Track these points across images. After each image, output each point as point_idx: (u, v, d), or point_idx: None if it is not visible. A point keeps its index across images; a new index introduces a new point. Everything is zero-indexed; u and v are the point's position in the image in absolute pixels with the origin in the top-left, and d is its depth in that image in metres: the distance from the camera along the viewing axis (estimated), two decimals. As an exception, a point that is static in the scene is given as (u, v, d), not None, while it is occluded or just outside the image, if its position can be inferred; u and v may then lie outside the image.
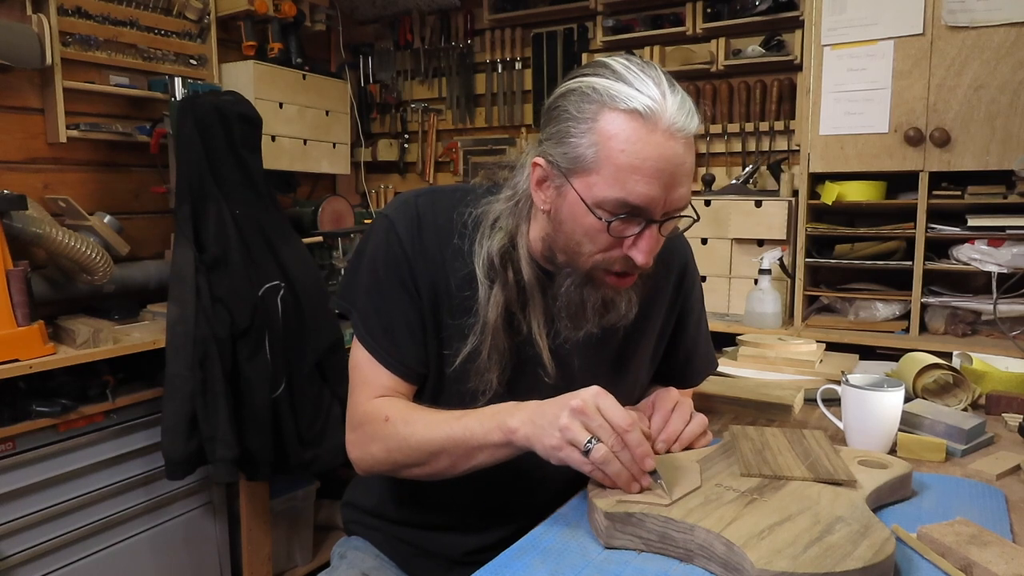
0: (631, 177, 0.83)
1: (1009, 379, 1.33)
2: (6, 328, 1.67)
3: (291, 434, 2.00)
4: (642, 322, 1.06)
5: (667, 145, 0.83)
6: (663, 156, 0.83)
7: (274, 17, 2.56)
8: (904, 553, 0.77)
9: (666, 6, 2.56)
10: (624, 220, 0.86)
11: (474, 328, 0.96)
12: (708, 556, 0.74)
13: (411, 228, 0.98)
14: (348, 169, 2.94)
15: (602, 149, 0.84)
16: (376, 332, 0.99)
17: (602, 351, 1.05)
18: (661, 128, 0.83)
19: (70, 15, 2.14)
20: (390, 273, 0.98)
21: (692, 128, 0.85)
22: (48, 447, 1.75)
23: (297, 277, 2.04)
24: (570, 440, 0.81)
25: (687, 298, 1.15)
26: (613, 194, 0.84)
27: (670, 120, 0.83)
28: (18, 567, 1.71)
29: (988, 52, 1.82)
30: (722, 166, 2.54)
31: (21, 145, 2.11)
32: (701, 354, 1.21)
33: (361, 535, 1.18)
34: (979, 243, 1.89)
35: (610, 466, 0.80)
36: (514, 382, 0.98)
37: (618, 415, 0.82)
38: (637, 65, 0.87)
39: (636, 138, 0.83)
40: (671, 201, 0.86)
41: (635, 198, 0.84)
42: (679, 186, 0.86)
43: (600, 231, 0.87)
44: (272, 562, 2.23)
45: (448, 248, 0.98)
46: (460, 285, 0.97)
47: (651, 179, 0.83)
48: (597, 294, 0.93)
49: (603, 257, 0.90)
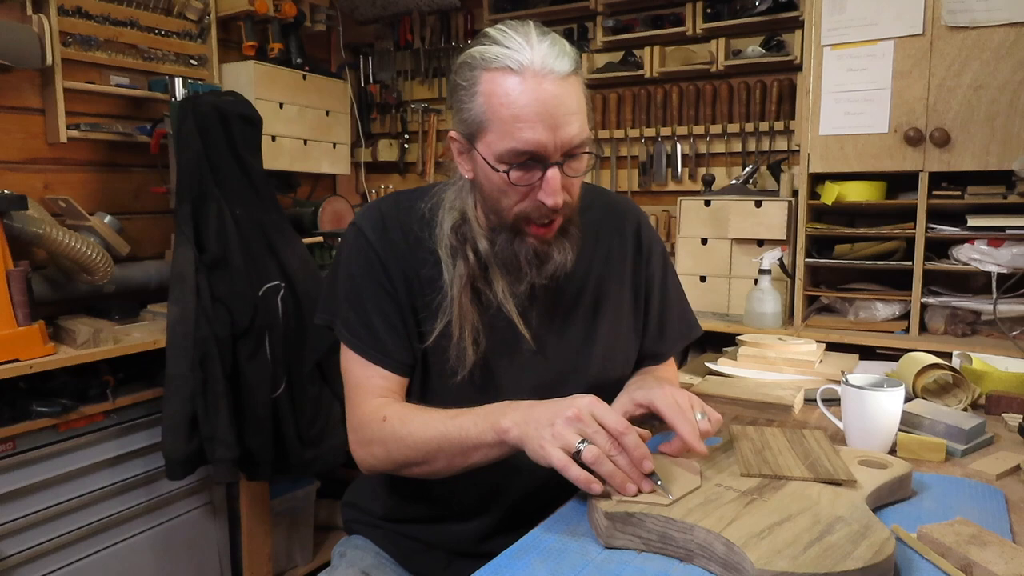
0: (515, 126, 0.89)
1: (1009, 379, 1.33)
2: (6, 328, 1.67)
3: (291, 434, 2.00)
4: (603, 284, 1.11)
5: (541, 89, 0.88)
6: (539, 99, 0.88)
7: (274, 17, 2.56)
8: (904, 553, 0.77)
9: (666, 6, 2.56)
10: (523, 168, 0.91)
11: (443, 305, 1.01)
12: (708, 556, 0.74)
13: (377, 228, 1.05)
14: (348, 169, 2.95)
15: (488, 108, 0.90)
16: (359, 332, 1.03)
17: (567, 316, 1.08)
18: (531, 75, 0.88)
19: (70, 15, 2.14)
20: (364, 274, 1.04)
21: (562, 68, 0.89)
22: (48, 447, 1.75)
23: (297, 277, 2.04)
24: (562, 444, 0.82)
25: (649, 259, 1.17)
26: (506, 146, 0.90)
27: (540, 65, 0.88)
28: (18, 567, 1.71)
29: (988, 52, 1.82)
30: (722, 166, 2.54)
31: (21, 145, 2.11)
32: (675, 317, 1.20)
33: (361, 534, 1.19)
34: (979, 243, 1.89)
35: (602, 466, 0.80)
36: (491, 351, 1.02)
37: (613, 419, 0.83)
38: (510, 26, 0.93)
39: (511, 90, 0.88)
40: (561, 141, 0.90)
41: (524, 144, 0.89)
42: (565, 125, 0.90)
43: (509, 184, 0.92)
44: (272, 562, 2.23)
45: (413, 238, 1.04)
46: (428, 269, 1.02)
47: (534, 123, 0.88)
48: (527, 247, 0.98)
49: (520, 208, 0.95)
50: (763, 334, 1.62)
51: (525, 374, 1.06)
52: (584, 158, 0.95)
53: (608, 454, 0.81)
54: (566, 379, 1.07)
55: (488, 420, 0.89)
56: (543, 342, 1.05)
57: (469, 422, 0.91)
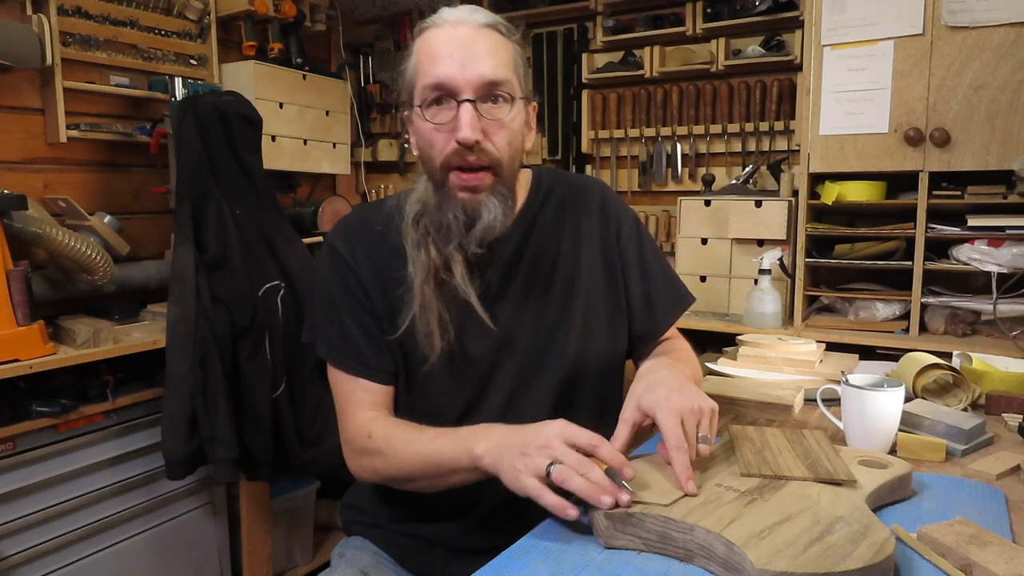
0: (430, 64, 0.96)
1: (1009, 379, 1.33)
2: (6, 328, 1.67)
3: (291, 434, 2.00)
4: (573, 266, 1.11)
5: (454, 32, 0.96)
6: (451, 39, 0.96)
7: (274, 17, 2.56)
8: (904, 553, 0.77)
9: (666, 6, 2.56)
10: (438, 104, 0.96)
11: (408, 297, 1.02)
12: (708, 556, 0.74)
13: (348, 240, 1.08)
14: (348, 169, 2.94)
15: (416, 63, 0.98)
16: (339, 346, 1.06)
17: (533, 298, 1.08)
18: (449, 23, 0.97)
19: (70, 15, 2.14)
20: (339, 287, 1.07)
21: (478, 19, 0.98)
22: (48, 447, 1.75)
23: (297, 277, 2.04)
24: (533, 472, 0.82)
25: (619, 232, 1.15)
26: (423, 83, 0.96)
27: (455, 17, 0.98)
28: (18, 567, 1.71)
29: (988, 52, 1.82)
30: (722, 166, 2.54)
31: (21, 145, 2.11)
32: (661, 288, 1.17)
33: (360, 534, 1.19)
34: (979, 243, 1.89)
35: (571, 482, 0.79)
36: (462, 339, 1.04)
37: (584, 436, 0.84)
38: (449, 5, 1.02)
39: (431, 38, 0.97)
40: (471, 76, 0.94)
41: (435, 77, 0.95)
42: (475, 62, 0.95)
43: (434, 129, 0.96)
44: (272, 562, 2.23)
45: (381, 241, 1.07)
46: (398, 266, 1.04)
47: (445, 59, 0.95)
48: (456, 204, 0.99)
49: (443, 156, 0.97)
50: (763, 334, 1.62)
51: (500, 359, 1.06)
52: (504, 105, 0.97)
53: (579, 470, 0.80)
54: (543, 362, 1.08)
55: (463, 445, 0.91)
56: (515, 326, 1.07)
57: (446, 446, 0.93)
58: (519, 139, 1.01)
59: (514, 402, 1.08)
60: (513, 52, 1.00)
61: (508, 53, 0.98)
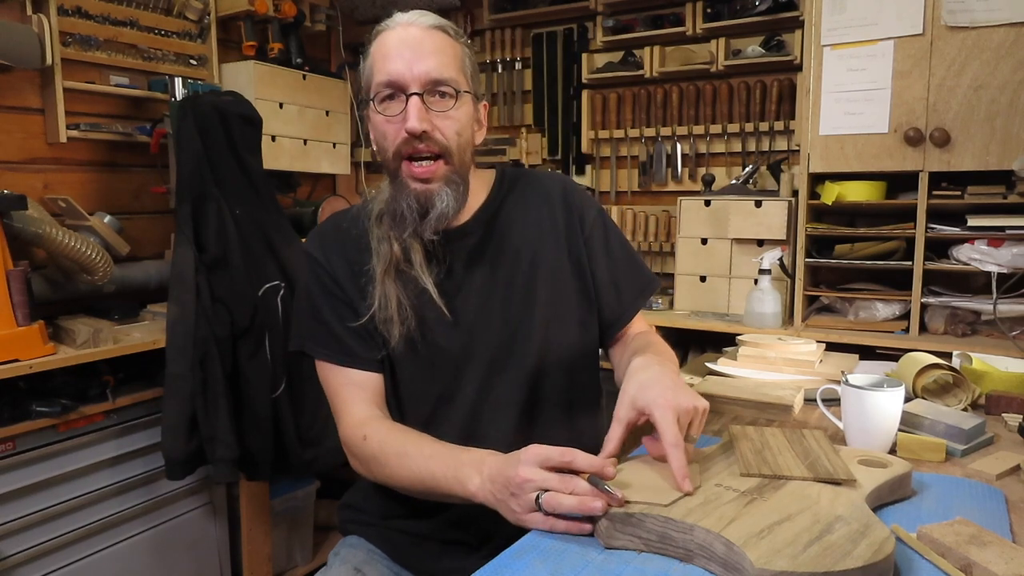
0: (382, 62, 1.02)
1: (1009, 379, 1.33)
2: (6, 328, 1.67)
3: (291, 434, 2.00)
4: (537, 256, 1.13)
5: (404, 32, 1.02)
6: (400, 39, 1.02)
7: (274, 17, 2.56)
8: (904, 553, 0.77)
9: (666, 6, 2.56)
10: (390, 99, 1.02)
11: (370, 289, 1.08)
12: (708, 556, 0.74)
13: (321, 245, 1.14)
14: (348, 169, 2.95)
15: (371, 62, 1.04)
16: (326, 342, 1.10)
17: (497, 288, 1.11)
18: (399, 25, 1.03)
19: (70, 15, 2.14)
20: (317, 287, 1.12)
21: (424, 21, 1.03)
22: (48, 447, 1.75)
23: (297, 277, 2.04)
24: (527, 507, 0.83)
25: (582, 221, 1.18)
26: (376, 80, 1.02)
27: (406, 19, 1.04)
28: (18, 567, 1.71)
29: (988, 52, 1.82)
30: (722, 166, 2.54)
31: (21, 145, 2.11)
32: (626, 273, 1.21)
33: (356, 533, 1.21)
34: (979, 243, 1.89)
35: (562, 505, 0.80)
36: (424, 327, 1.08)
37: (555, 455, 0.83)
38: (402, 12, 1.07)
39: (384, 39, 1.03)
40: (419, 72, 1.00)
41: (385, 74, 1.01)
42: (422, 59, 1.00)
43: (385, 121, 1.03)
44: (272, 562, 2.23)
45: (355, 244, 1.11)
46: (365, 259, 1.09)
47: (395, 57, 1.01)
48: (409, 194, 1.04)
49: (395, 144, 1.02)
50: (763, 334, 1.62)
51: (469, 350, 1.10)
52: (450, 100, 1.03)
53: (563, 490, 0.81)
54: (511, 351, 1.11)
55: (456, 476, 0.92)
56: (481, 317, 1.10)
57: (440, 472, 0.94)
58: (468, 132, 1.07)
59: (486, 392, 1.11)
60: (460, 52, 1.06)
61: (454, 52, 1.05)
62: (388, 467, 1.00)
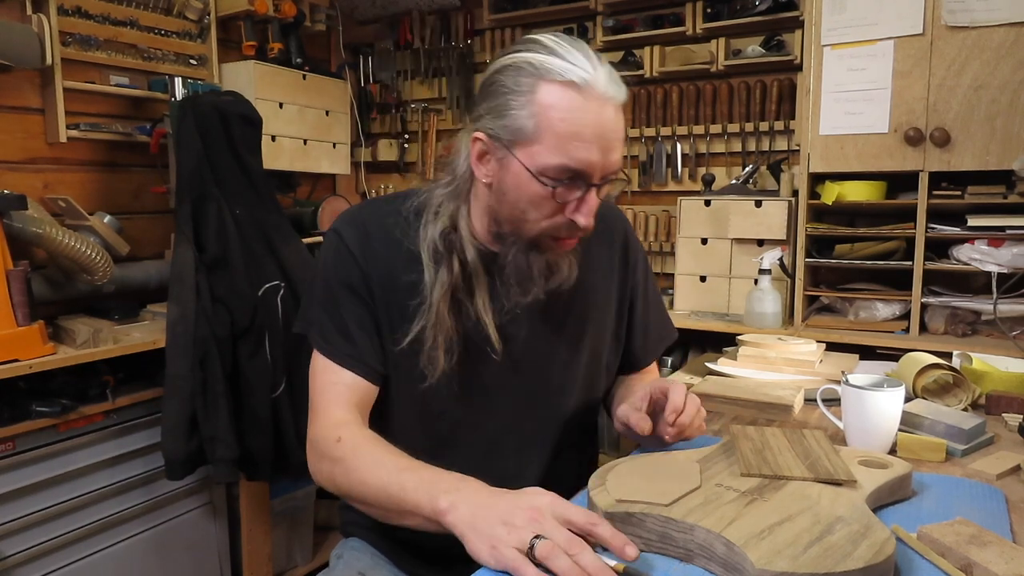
0: (571, 143, 0.89)
1: (1009, 379, 1.33)
2: (6, 328, 1.67)
3: (291, 434, 2.00)
4: (591, 295, 1.10)
5: (602, 112, 0.89)
6: (599, 122, 0.89)
7: (274, 17, 2.56)
8: (904, 553, 0.77)
9: (666, 6, 2.56)
10: (567, 185, 0.91)
11: (421, 310, 0.99)
12: (708, 556, 0.74)
13: (360, 237, 1.03)
14: (348, 169, 2.95)
15: (542, 119, 0.89)
16: (332, 338, 1.02)
17: (553, 329, 1.07)
18: (595, 96, 0.89)
19: (70, 15, 2.14)
20: (341, 281, 1.03)
21: (622, 96, 0.92)
22: (48, 447, 1.75)
23: (297, 277, 2.04)
24: (516, 543, 0.73)
25: (635, 269, 1.18)
26: (555, 161, 0.89)
27: (603, 89, 0.89)
28: (18, 567, 1.71)
29: (988, 52, 1.82)
30: (722, 166, 2.54)
31: (21, 145, 2.11)
32: (655, 324, 1.22)
33: (358, 536, 1.19)
34: (979, 243, 1.89)
35: (556, 560, 0.69)
36: (463, 362, 1.01)
37: (580, 516, 0.75)
38: (567, 40, 0.92)
39: (574, 107, 0.88)
40: (608, 164, 0.92)
41: (576, 163, 0.89)
42: (614, 150, 0.92)
43: (545, 198, 0.92)
44: (272, 562, 2.23)
45: (396, 246, 1.03)
46: (409, 273, 1.01)
47: (590, 144, 0.89)
48: (542, 258, 0.98)
49: (548, 224, 0.94)
50: (763, 334, 1.62)
51: (506, 386, 1.05)
52: (617, 183, 0.97)
53: (567, 551, 0.71)
54: (551, 393, 1.08)
55: (428, 491, 0.82)
56: (523, 355, 1.05)
57: (411, 484, 0.84)
58: None
59: (516, 424, 1.07)
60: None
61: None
62: (357, 472, 0.91)
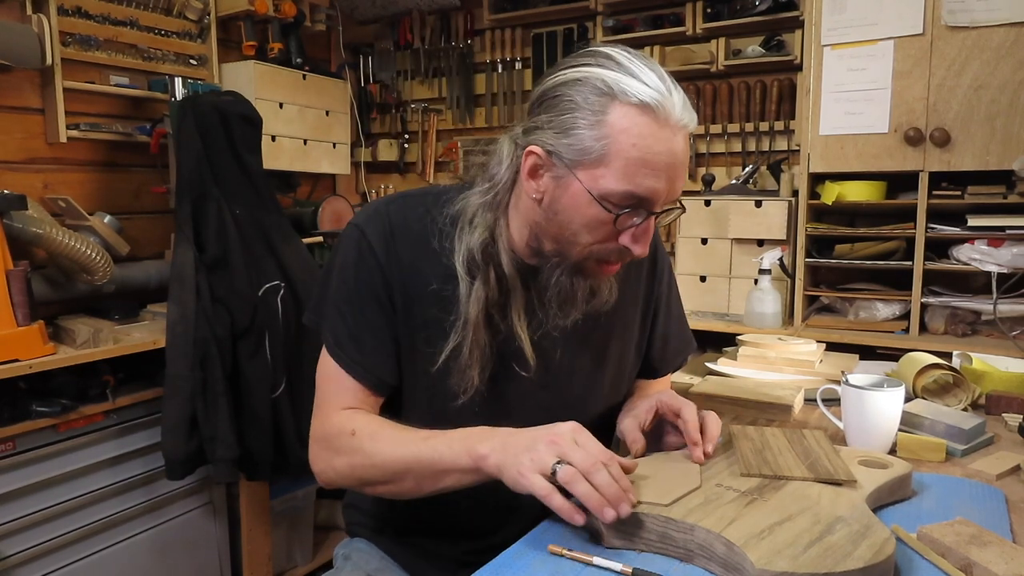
0: (640, 171, 0.84)
1: (1009, 379, 1.33)
2: (6, 328, 1.67)
3: (291, 434, 2.00)
4: (621, 310, 1.07)
5: (674, 140, 0.85)
6: (671, 151, 0.85)
7: (274, 17, 2.56)
8: (904, 553, 0.77)
9: (666, 6, 2.56)
10: (627, 212, 0.87)
11: (455, 325, 0.95)
12: (708, 556, 0.74)
13: (384, 237, 0.98)
14: (348, 169, 2.95)
15: (613, 143, 0.84)
16: (344, 341, 0.98)
17: (582, 342, 1.05)
18: (671, 123, 0.84)
19: (70, 15, 2.14)
20: (361, 283, 0.98)
21: (694, 124, 0.88)
22: (48, 447, 1.75)
23: (297, 277, 2.04)
24: (538, 467, 0.78)
25: (660, 282, 1.16)
26: (621, 187, 0.85)
27: (678, 116, 0.85)
28: (18, 567, 1.71)
29: (988, 52, 1.82)
30: (722, 166, 2.54)
31: (21, 145, 2.11)
32: (676, 335, 1.20)
33: (364, 537, 1.17)
34: (979, 243, 1.89)
35: (577, 486, 0.76)
36: (496, 378, 0.98)
37: (596, 447, 0.80)
38: (639, 58, 0.87)
39: (648, 132, 0.84)
40: (672, 193, 0.88)
41: (643, 191, 0.85)
42: (679, 180, 0.88)
43: (603, 223, 0.88)
44: (272, 562, 2.23)
45: (423, 251, 0.97)
46: (439, 284, 0.96)
47: (659, 172, 0.85)
48: (586, 282, 0.95)
49: (600, 248, 0.91)
50: (763, 334, 1.62)
51: (531, 401, 1.03)
52: (674, 212, 0.93)
53: (586, 474, 0.76)
54: (574, 406, 1.05)
55: (464, 444, 0.85)
56: (553, 371, 1.02)
57: (443, 445, 0.87)
58: None
59: None
60: None
61: None
62: (380, 454, 0.90)
